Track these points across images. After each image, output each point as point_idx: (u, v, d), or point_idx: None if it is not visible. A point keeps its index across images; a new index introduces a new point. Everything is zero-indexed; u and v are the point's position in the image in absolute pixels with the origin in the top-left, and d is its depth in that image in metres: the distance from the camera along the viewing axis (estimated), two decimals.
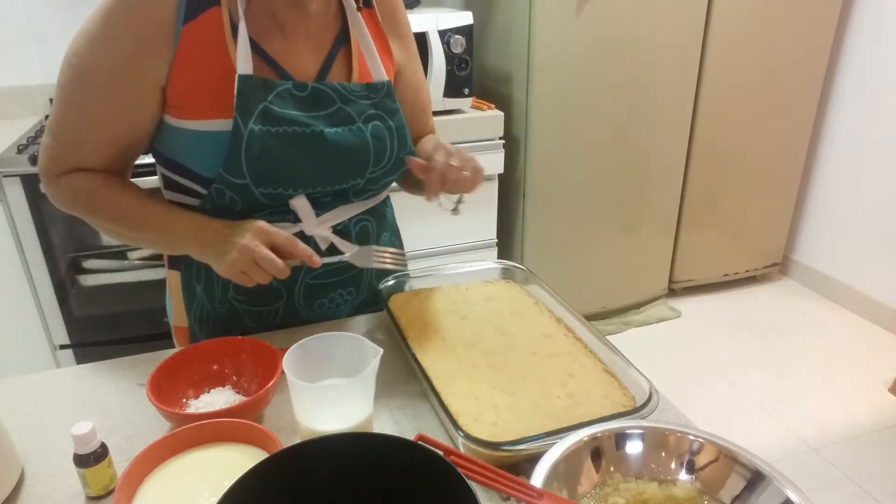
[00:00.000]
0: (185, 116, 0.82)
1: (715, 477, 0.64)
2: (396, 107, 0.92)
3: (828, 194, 2.89)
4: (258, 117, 0.80)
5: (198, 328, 0.98)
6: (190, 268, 0.94)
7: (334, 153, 0.86)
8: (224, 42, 0.80)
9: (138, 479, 0.64)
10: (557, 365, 0.82)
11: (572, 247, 2.55)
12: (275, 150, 0.82)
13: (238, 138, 0.79)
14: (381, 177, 0.92)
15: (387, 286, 1.00)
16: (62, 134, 0.83)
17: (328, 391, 0.72)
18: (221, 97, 0.79)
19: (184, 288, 0.97)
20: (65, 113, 0.81)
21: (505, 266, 1.07)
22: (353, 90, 0.87)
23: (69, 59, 0.79)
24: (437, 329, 0.90)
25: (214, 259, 0.83)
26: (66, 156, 0.84)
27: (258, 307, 0.95)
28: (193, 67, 0.79)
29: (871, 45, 2.61)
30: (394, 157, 0.92)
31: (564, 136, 2.34)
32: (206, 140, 0.81)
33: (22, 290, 1.91)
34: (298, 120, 0.82)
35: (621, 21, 2.23)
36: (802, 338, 2.63)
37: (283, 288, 0.94)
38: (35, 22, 2.21)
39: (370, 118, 0.89)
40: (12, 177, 1.78)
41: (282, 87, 0.82)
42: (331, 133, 0.85)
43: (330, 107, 0.86)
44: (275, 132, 0.81)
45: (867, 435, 2.09)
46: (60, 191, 0.86)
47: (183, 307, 0.98)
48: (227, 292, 0.94)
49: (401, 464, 0.54)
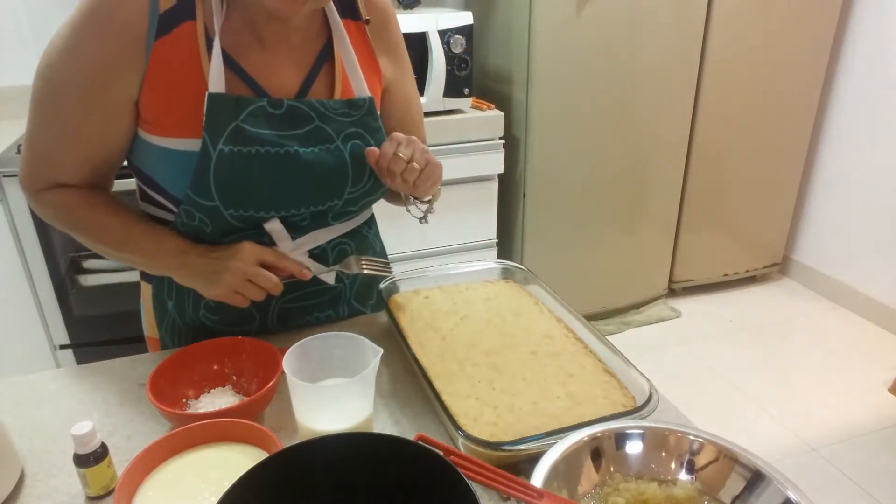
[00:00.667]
0: (157, 133, 0.78)
1: (715, 477, 0.64)
2: (378, 125, 0.88)
3: (828, 194, 2.89)
4: (228, 137, 0.77)
5: (169, 341, 0.96)
6: (161, 282, 0.92)
7: (309, 174, 0.82)
8: (198, 58, 0.76)
9: (138, 479, 0.64)
10: (557, 365, 0.82)
11: (572, 247, 2.55)
12: (246, 171, 0.78)
13: (206, 159, 0.76)
14: (359, 198, 0.89)
15: (387, 286, 1.00)
16: (37, 148, 0.81)
17: (328, 391, 0.72)
18: (192, 116, 0.76)
19: (154, 301, 0.94)
20: (38, 126, 0.80)
21: (505, 266, 1.07)
22: (333, 107, 0.84)
23: (42, 71, 0.76)
24: (437, 329, 0.90)
25: (203, 283, 0.82)
26: (43, 172, 0.82)
27: (230, 328, 0.92)
28: (164, 84, 0.76)
29: (871, 45, 2.61)
30: (373, 177, 0.88)
31: (564, 136, 2.34)
32: (174, 159, 0.78)
33: (22, 290, 1.91)
34: (271, 140, 0.79)
35: (621, 21, 2.23)
36: (802, 338, 2.63)
37: (256, 311, 0.91)
38: (35, 22, 2.21)
39: (349, 137, 0.85)
40: (12, 177, 1.78)
41: (255, 104, 0.78)
42: (306, 153, 0.81)
43: (306, 125, 0.82)
44: (246, 153, 0.78)
45: (867, 435, 2.09)
46: (41, 206, 0.85)
47: (154, 319, 0.96)
48: (197, 310, 0.91)
49: (401, 464, 0.54)
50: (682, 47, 2.39)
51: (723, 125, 2.61)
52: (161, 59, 0.75)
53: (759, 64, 2.54)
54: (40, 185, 0.83)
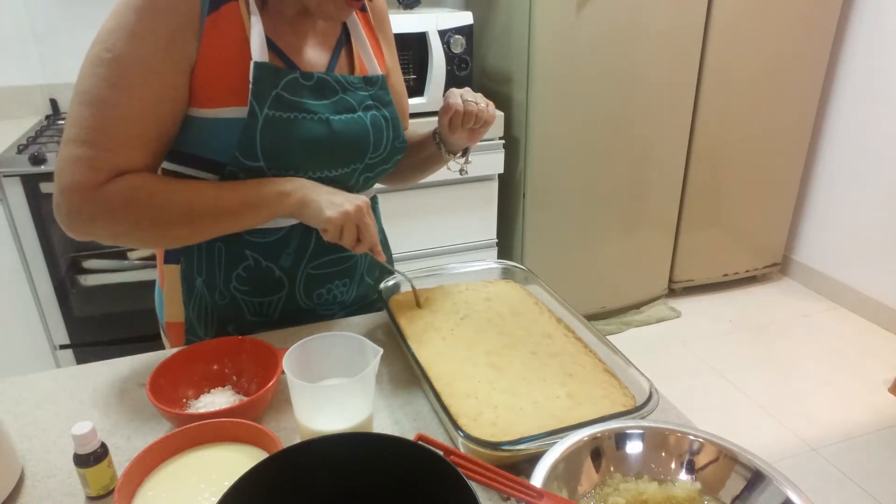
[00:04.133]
0: (206, 105, 0.83)
1: (715, 477, 0.64)
2: (390, 99, 0.98)
3: (828, 194, 2.89)
4: (272, 103, 0.84)
5: (196, 321, 0.98)
6: (191, 259, 0.94)
7: (339, 138, 0.90)
8: (243, 33, 0.83)
9: (138, 479, 0.64)
10: (557, 365, 0.82)
11: (572, 247, 2.55)
12: (286, 134, 0.85)
13: (254, 123, 0.83)
14: (377, 164, 0.97)
15: (387, 286, 1.00)
16: (100, 137, 0.78)
17: (328, 391, 0.72)
18: (238, 86, 0.83)
19: (183, 280, 0.96)
20: (102, 114, 0.78)
21: (505, 266, 1.07)
22: (353, 82, 0.93)
23: (100, 56, 0.77)
24: (437, 329, 0.90)
25: (319, 207, 0.84)
26: (109, 160, 0.79)
27: (259, 298, 0.96)
28: (215, 56, 0.82)
29: (871, 45, 2.61)
30: (389, 146, 0.97)
31: (564, 136, 2.34)
32: (223, 127, 0.84)
33: (22, 290, 1.91)
34: (307, 107, 0.87)
35: (621, 21, 2.23)
36: (802, 338, 2.64)
37: (286, 277, 0.95)
38: (35, 22, 2.21)
39: (368, 108, 0.94)
40: (12, 177, 1.78)
41: (290, 76, 0.86)
42: (336, 120, 0.90)
43: (333, 96, 0.91)
44: (286, 118, 0.85)
45: (867, 435, 2.09)
46: (107, 200, 0.79)
47: (180, 301, 0.98)
48: (229, 283, 0.94)
49: (401, 464, 0.54)
50: (682, 47, 2.39)
51: (723, 125, 2.61)
52: (212, 34, 0.81)
53: (759, 63, 2.54)
54: (103, 176, 0.79)
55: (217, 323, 0.97)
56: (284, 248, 0.93)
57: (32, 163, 1.78)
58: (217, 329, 0.98)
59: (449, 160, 1.06)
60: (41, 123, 2.20)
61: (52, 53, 2.25)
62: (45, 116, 2.28)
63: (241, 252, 0.92)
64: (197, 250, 0.93)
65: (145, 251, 2.01)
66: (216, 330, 0.98)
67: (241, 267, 0.93)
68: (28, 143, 1.90)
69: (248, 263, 0.93)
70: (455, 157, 1.06)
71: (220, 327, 0.98)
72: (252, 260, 0.93)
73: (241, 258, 0.93)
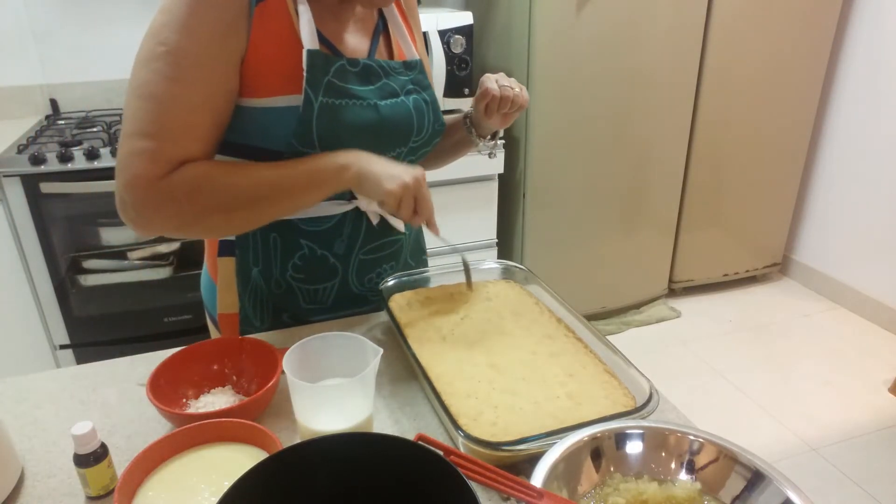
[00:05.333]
0: (259, 95, 0.84)
1: (715, 477, 0.64)
2: (428, 83, 1.01)
3: (828, 194, 2.89)
4: (325, 90, 0.85)
5: (251, 311, 1.00)
6: (246, 251, 0.97)
7: (387, 123, 0.92)
8: (290, 21, 0.85)
9: (138, 479, 0.64)
10: (558, 365, 0.82)
11: (572, 247, 2.55)
12: (340, 121, 0.87)
13: (309, 110, 0.84)
14: (420, 146, 1.00)
15: (387, 286, 1.00)
16: (160, 129, 0.79)
17: (328, 391, 0.72)
18: (291, 74, 0.84)
19: (239, 271, 0.98)
20: (160, 106, 0.79)
21: (505, 266, 1.07)
22: (394, 67, 0.95)
23: (154, 50, 0.78)
24: (437, 329, 0.90)
25: (379, 179, 0.84)
26: (169, 151, 0.80)
27: (314, 285, 0.99)
28: (265, 46, 0.83)
29: (871, 45, 2.61)
30: (430, 129, 0.99)
31: (564, 136, 2.34)
32: (278, 115, 0.85)
33: (22, 290, 1.91)
34: (356, 93, 0.89)
35: (621, 21, 2.23)
36: (802, 338, 2.64)
37: (340, 264, 0.98)
38: (35, 22, 2.21)
39: (409, 92, 0.96)
40: (12, 177, 1.78)
41: (338, 63, 0.88)
42: (382, 105, 0.92)
43: (377, 81, 0.93)
44: (338, 104, 0.87)
45: (867, 435, 2.09)
46: (171, 191, 0.80)
47: (234, 292, 1.00)
48: (285, 271, 0.97)
49: (401, 464, 0.54)
50: (682, 46, 2.39)
51: (723, 125, 2.61)
52: (260, 23, 0.82)
53: (759, 63, 2.54)
54: (165, 168, 0.80)
55: (272, 311, 1.00)
56: (338, 235, 0.96)
57: (32, 163, 1.78)
58: (272, 318, 1.00)
59: (479, 143, 1.08)
60: (41, 123, 2.20)
61: (52, 53, 2.25)
62: (45, 116, 2.28)
63: (296, 241, 0.95)
64: (252, 241, 0.96)
65: (146, 251, 2.01)
66: (271, 319, 1.01)
67: (296, 256, 0.96)
68: (28, 143, 1.90)
69: (303, 252, 0.96)
70: (485, 141, 1.08)
71: (275, 316, 1.00)
72: (307, 248, 0.96)
73: (296, 247, 0.95)
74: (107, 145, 1.90)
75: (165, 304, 2.06)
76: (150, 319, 2.07)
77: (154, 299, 2.06)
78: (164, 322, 2.09)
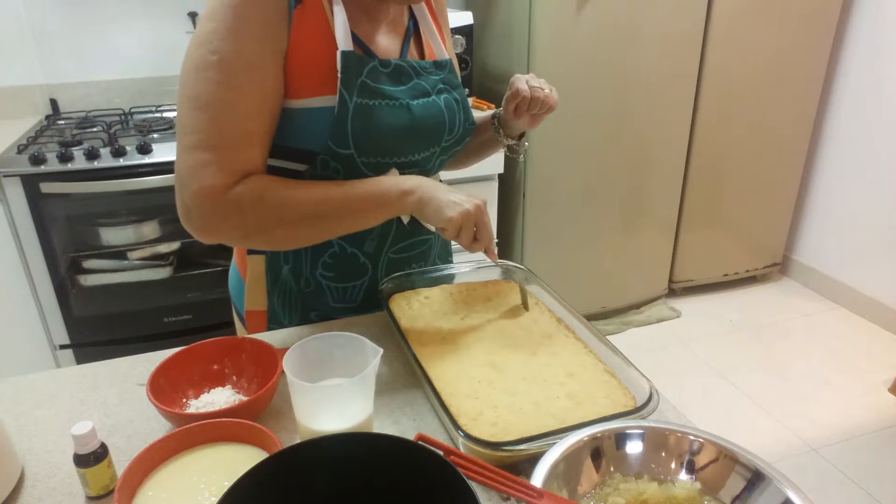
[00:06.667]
0: (297, 96, 0.85)
1: (715, 477, 0.64)
2: (458, 82, 1.01)
3: (828, 194, 2.89)
4: (358, 91, 0.86)
5: (279, 309, 1.01)
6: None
7: (420, 123, 0.93)
8: (327, 23, 0.85)
9: (138, 479, 0.64)
10: (558, 365, 0.82)
11: (572, 247, 2.55)
12: (374, 121, 0.87)
13: (344, 111, 0.85)
14: (452, 146, 0.99)
15: (387, 286, 1.00)
16: (223, 140, 0.79)
17: (328, 391, 0.72)
18: (327, 75, 0.85)
19: (269, 270, 0.99)
20: (219, 116, 0.79)
21: (505, 266, 1.07)
22: (425, 67, 0.96)
23: (205, 59, 0.78)
24: (437, 329, 0.90)
25: (439, 206, 0.84)
26: (234, 161, 0.80)
27: (343, 283, 0.99)
28: (304, 47, 0.83)
29: (871, 45, 2.61)
30: (461, 128, 0.99)
31: (564, 136, 2.34)
32: (315, 116, 0.85)
33: (22, 290, 1.91)
34: (390, 94, 0.89)
35: (621, 21, 2.23)
36: (802, 338, 2.64)
37: (370, 263, 0.99)
38: (35, 22, 2.21)
39: (441, 91, 0.97)
40: (12, 177, 1.78)
41: (371, 64, 0.88)
42: (415, 105, 0.92)
43: (409, 81, 0.93)
44: (372, 104, 0.87)
45: (867, 435, 2.09)
46: (238, 201, 0.80)
47: (263, 290, 1.01)
48: (315, 269, 0.97)
49: (401, 464, 0.54)
50: (682, 47, 2.39)
51: (723, 125, 2.61)
52: (299, 25, 0.83)
53: (759, 63, 2.54)
54: (231, 178, 0.80)
55: (301, 309, 1.01)
56: (368, 233, 0.96)
57: (32, 163, 1.78)
58: (301, 315, 1.01)
59: (507, 144, 1.08)
60: (41, 123, 2.20)
61: (52, 53, 2.25)
62: (45, 116, 2.28)
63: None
64: None
65: (146, 251, 2.01)
66: (300, 316, 1.01)
67: (326, 254, 0.96)
68: (28, 143, 1.90)
69: (333, 250, 0.96)
70: (513, 141, 1.08)
71: (304, 314, 1.01)
72: (337, 247, 0.96)
73: (327, 245, 0.96)
74: (107, 145, 1.90)
75: (165, 304, 2.06)
76: (150, 319, 2.07)
77: (154, 299, 2.06)
78: (164, 322, 2.09)
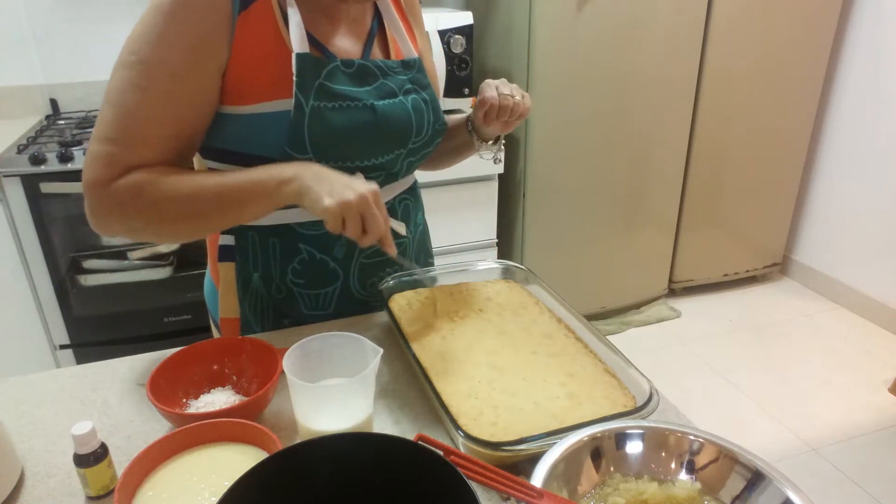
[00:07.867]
0: (246, 102, 0.84)
1: (715, 477, 0.64)
2: (427, 82, 0.99)
3: (828, 194, 2.89)
4: (316, 94, 0.84)
5: (251, 316, 1.00)
6: (246, 256, 0.96)
7: (384, 124, 0.91)
8: (277, 27, 0.84)
9: (138, 479, 0.64)
10: (558, 365, 0.82)
11: (572, 247, 2.55)
12: (333, 124, 0.86)
13: (300, 115, 0.83)
14: (420, 148, 0.98)
15: (387, 286, 1.00)
16: (120, 136, 0.80)
17: (328, 391, 0.72)
18: (279, 79, 0.83)
19: (239, 277, 0.98)
20: (125, 113, 0.80)
21: (505, 266, 1.07)
22: (391, 66, 0.94)
23: (126, 59, 0.79)
24: (437, 329, 0.90)
25: (319, 194, 0.76)
26: (126, 157, 0.80)
27: (315, 290, 0.98)
28: (250, 53, 0.82)
29: (871, 45, 2.61)
30: (430, 129, 0.97)
31: (564, 136, 2.34)
32: (268, 121, 0.84)
33: (22, 290, 1.91)
34: (352, 95, 0.88)
35: (621, 21, 2.23)
36: (802, 338, 2.63)
37: (340, 269, 0.97)
38: (35, 22, 2.21)
39: (408, 91, 0.95)
40: (12, 177, 1.78)
41: (331, 65, 0.87)
42: (380, 105, 0.90)
43: (374, 81, 0.91)
44: (332, 107, 0.86)
45: (867, 435, 2.09)
46: (117, 195, 0.80)
47: (235, 298, 0.99)
48: (285, 276, 0.96)
49: (401, 464, 0.54)
50: (682, 46, 2.39)
51: (723, 125, 2.61)
52: (245, 31, 0.82)
53: (759, 63, 2.54)
54: (117, 172, 0.80)
55: (273, 316, 0.99)
56: (337, 239, 0.94)
57: (32, 163, 1.78)
58: (273, 323, 1.00)
59: (481, 148, 1.07)
60: (41, 123, 2.20)
61: (52, 53, 2.25)
62: (45, 116, 2.28)
63: (294, 246, 0.94)
64: (252, 246, 0.95)
65: (146, 251, 2.01)
66: (272, 324, 1.00)
67: (296, 260, 0.95)
68: (28, 143, 1.90)
69: (302, 257, 0.95)
70: (487, 146, 1.07)
71: (277, 321, 1.00)
72: (306, 253, 0.95)
73: (295, 252, 0.94)
74: None
75: (165, 304, 2.06)
76: (150, 319, 2.07)
77: (154, 299, 2.06)
78: (164, 322, 2.09)
